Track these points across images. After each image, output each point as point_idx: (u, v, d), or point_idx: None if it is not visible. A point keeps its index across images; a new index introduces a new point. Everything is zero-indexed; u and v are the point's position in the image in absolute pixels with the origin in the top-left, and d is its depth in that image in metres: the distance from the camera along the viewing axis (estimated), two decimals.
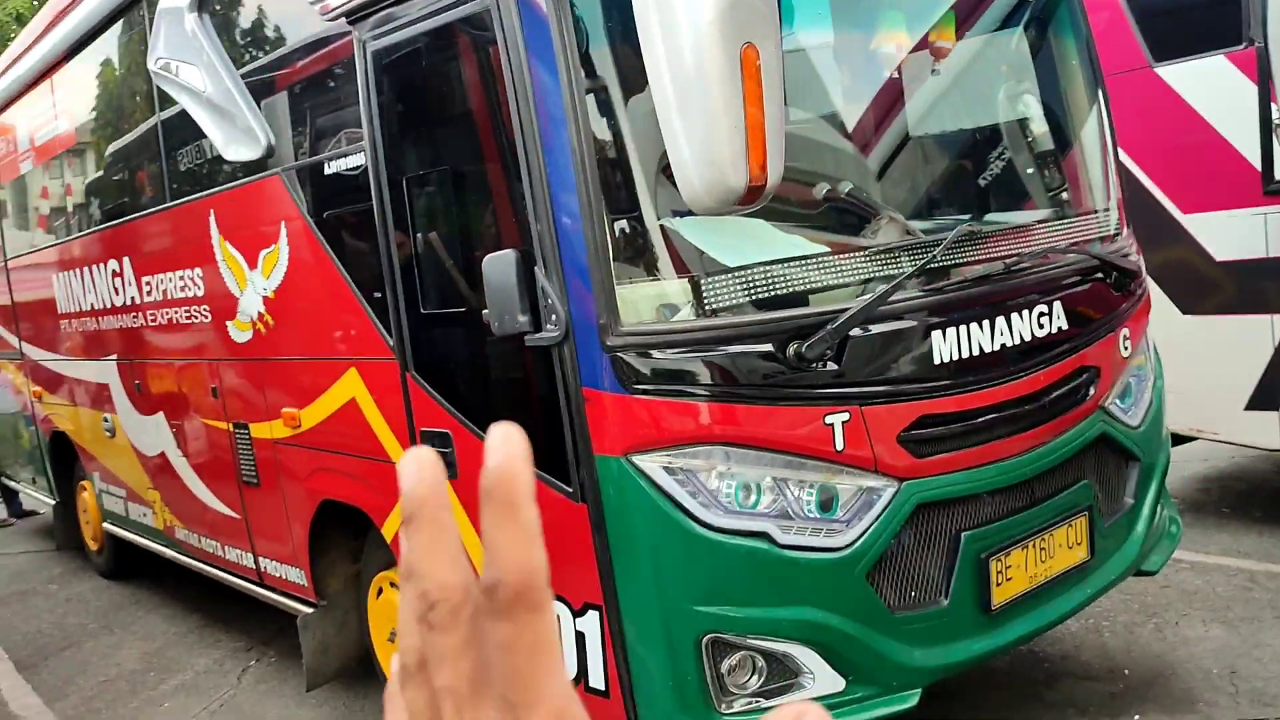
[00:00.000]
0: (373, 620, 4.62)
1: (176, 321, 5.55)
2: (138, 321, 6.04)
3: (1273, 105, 5.22)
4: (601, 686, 3.23)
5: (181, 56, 4.71)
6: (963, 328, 3.35)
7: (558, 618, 3.26)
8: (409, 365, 3.73)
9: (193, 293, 5.30)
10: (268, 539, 5.17)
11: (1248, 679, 4.18)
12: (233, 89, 4.46)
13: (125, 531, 7.15)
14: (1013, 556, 3.45)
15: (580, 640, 3.26)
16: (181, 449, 5.85)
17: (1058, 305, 3.62)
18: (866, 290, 3.24)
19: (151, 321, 5.87)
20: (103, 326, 6.58)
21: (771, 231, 3.25)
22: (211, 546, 5.81)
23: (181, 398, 5.74)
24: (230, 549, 5.58)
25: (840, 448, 3.10)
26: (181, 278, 5.39)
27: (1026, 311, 3.52)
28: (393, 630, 4.43)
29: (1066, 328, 3.65)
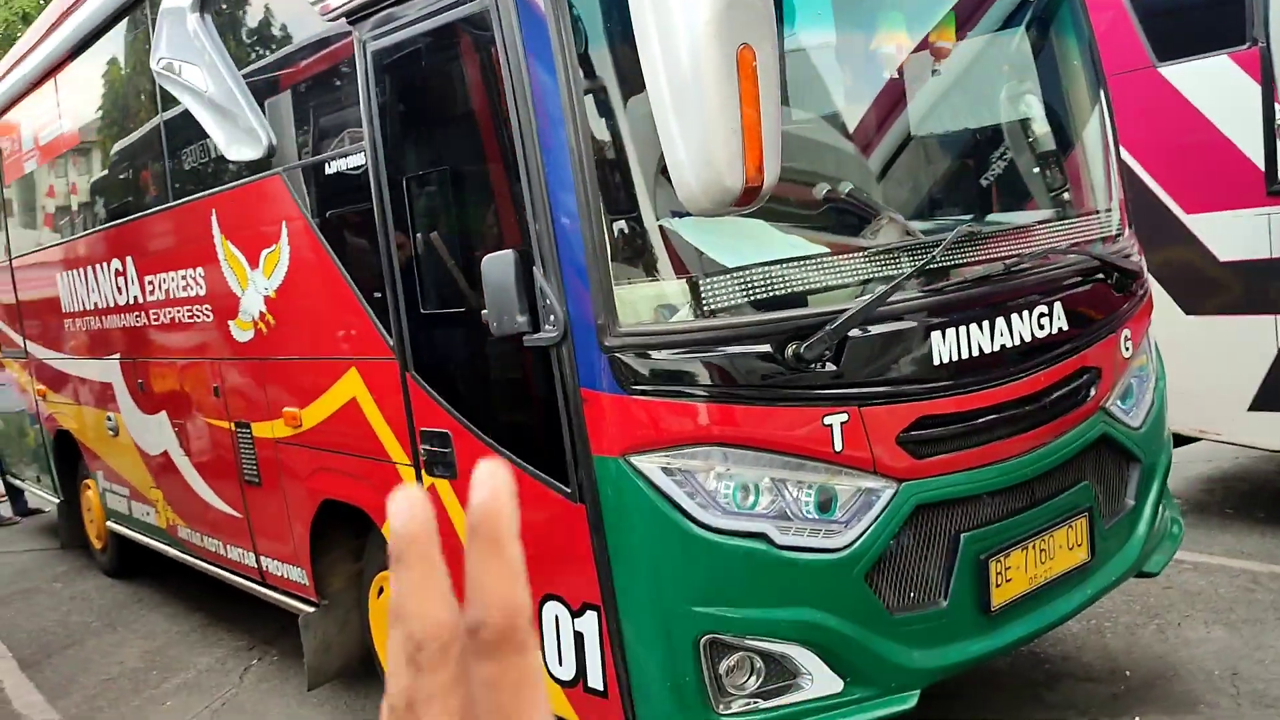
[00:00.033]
0: (374, 620, 4.62)
1: (179, 321, 5.57)
2: (141, 321, 6.06)
3: (1276, 105, 5.20)
4: (600, 687, 3.23)
5: (184, 56, 4.72)
6: (962, 329, 3.34)
7: (556, 619, 3.29)
8: (409, 365, 3.73)
9: (195, 292, 5.32)
10: (269, 538, 5.18)
11: (1249, 681, 4.17)
12: (234, 89, 4.47)
13: (129, 530, 7.17)
14: (1012, 558, 3.44)
15: (579, 640, 3.26)
16: (184, 448, 5.86)
17: (1058, 306, 3.61)
18: (865, 291, 3.23)
19: (154, 321, 5.89)
20: (106, 325, 6.60)
21: (770, 232, 3.24)
22: (214, 545, 5.82)
23: (184, 397, 5.75)
24: (232, 548, 5.60)
25: (839, 448, 3.10)
26: (184, 277, 5.40)
27: (1027, 312, 3.51)
28: None
29: (1067, 328, 3.64)
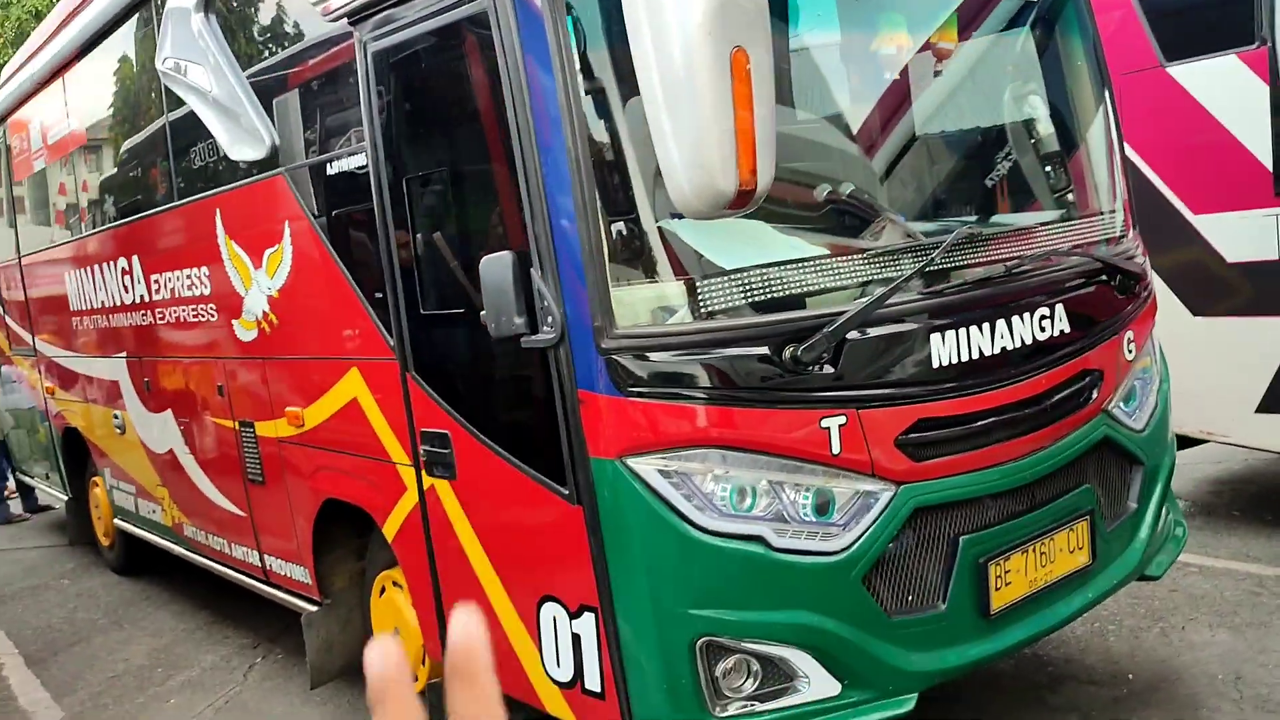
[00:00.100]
0: (375, 619, 4.63)
1: (184, 320, 5.58)
2: (147, 319, 6.08)
3: None
4: (597, 688, 3.23)
5: (188, 56, 4.74)
6: (962, 331, 3.32)
7: (554, 620, 3.29)
8: (409, 365, 3.74)
9: (200, 291, 5.33)
10: (273, 536, 5.20)
11: (1253, 685, 4.15)
12: (238, 89, 4.48)
13: (135, 528, 7.20)
14: (1012, 561, 3.42)
15: (576, 642, 3.26)
16: (189, 446, 5.88)
17: (1059, 308, 3.59)
18: (864, 293, 3.21)
19: (160, 320, 5.91)
20: (113, 324, 6.63)
21: (768, 233, 3.23)
22: (219, 544, 5.84)
23: (189, 395, 5.77)
24: (237, 546, 5.61)
25: (837, 451, 3.09)
26: (189, 276, 5.41)
27: (1028, 314, 3.49)
28: (395, 629, 4.44)
29: (1069, 331, 3.61)
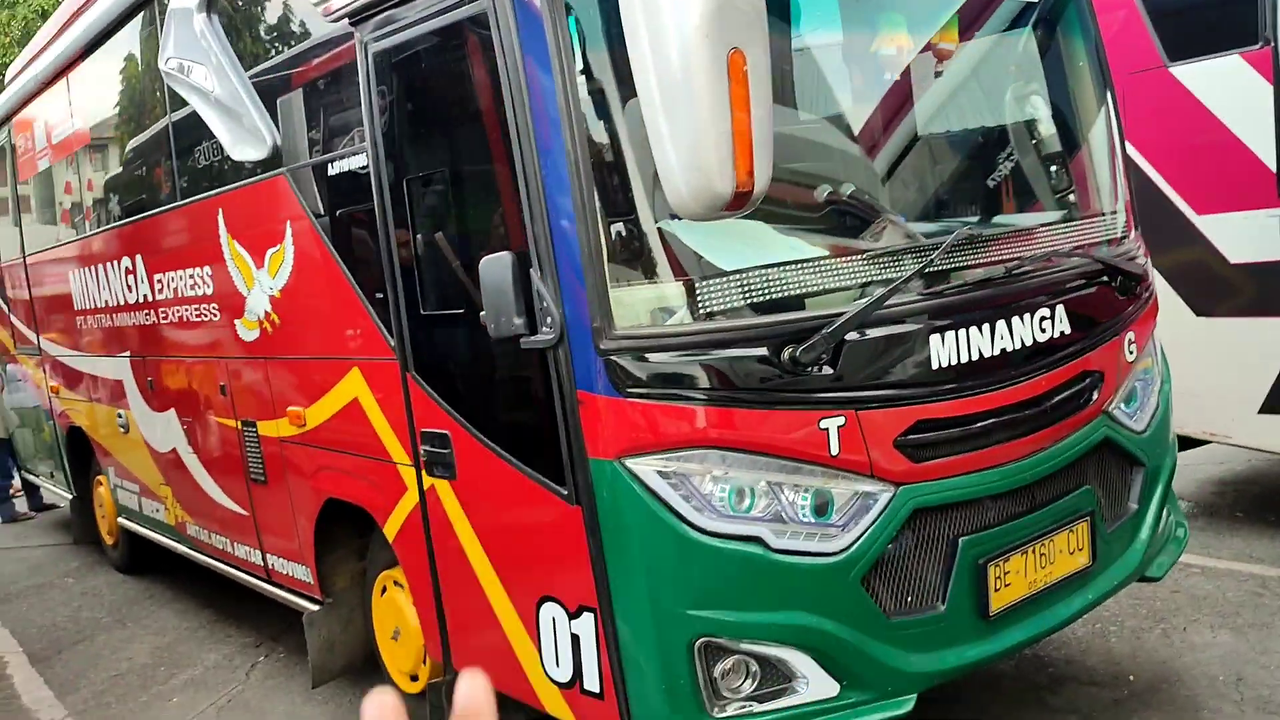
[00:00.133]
0: (376, 619, 4.63)
1: (187, 319, 5.60)
2: (150, 319, 6.10)
3: None
4: (596, 689, 3.23)
5: (191, 56, 4.75)
6: (962, 332, 3.31)
7: (553, 620, 3.30)
8: (409, 366, 3.74)
9: (202, 291, 5.34)
10: (275, 536, 5.21)
11: (1254, 686, 4.14)
12: (240, 89, 4.49)
13: (139, 527, 7.22)
14: (1012, 562, 3.42)
15: (575, 642, 3.27)
16: (192, 446, 5.90)
17: (1060, 309, 3.58)
18: (864, 294, 3.21)
19: (163, 319, 5.92)
20: (117, 323, 6.64)
21: (767, 234, 3.23)
22: (221, 543, 5.85)
23: (192, 395, 5.78)
24: (239, 545, 5.63)
25: (835, 452, 3.08)
26: (191, 276, 5.43)
27: (1028, 316, 3.48)
28: (396, 629, 4.45)
29: (1069, 332, 3.61)
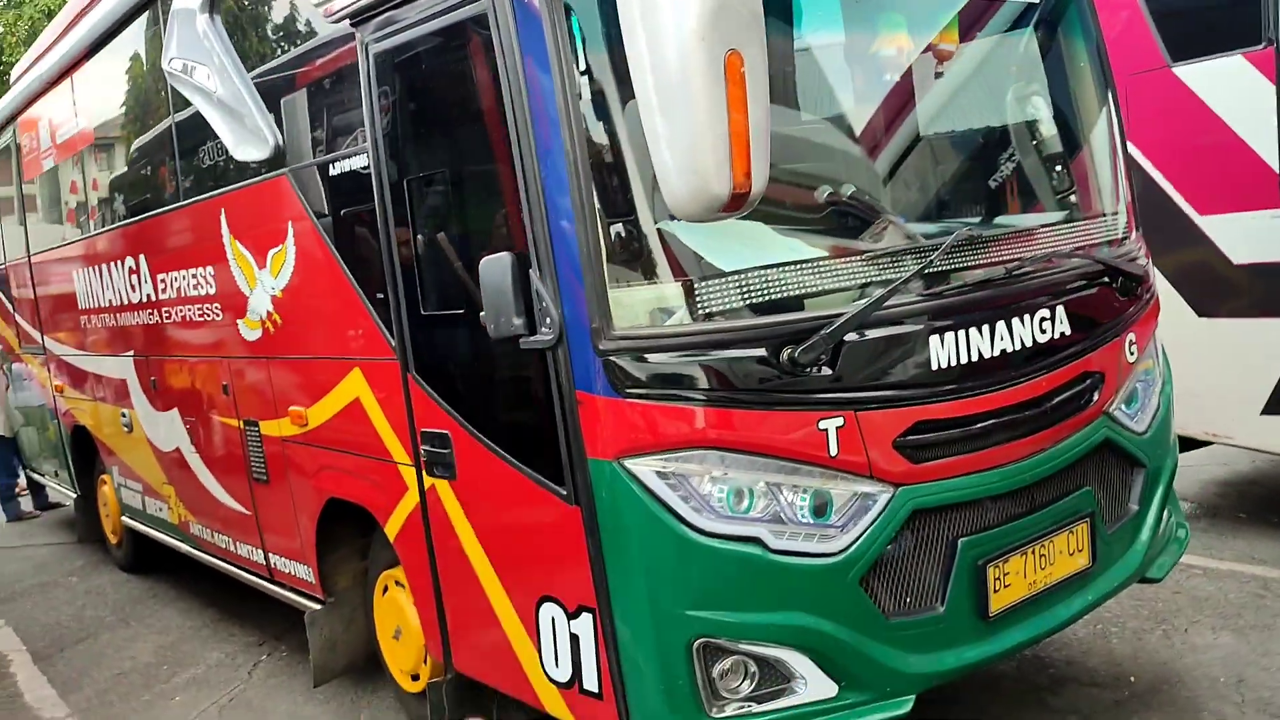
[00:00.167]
0: (378, 618, 4.64)
1: (190, 319, 5.61)
2: (153, 318, 6.11)
3: None
4: (595, 689, 3.24)
5: (193, 57, 4.76)
6: (961, 333, 3.31)
7: (553, 620, 3.31)
8: (410, 366, 3.75)
9: (205, 291, 5.36)
10: (277, 535, 5.22)
11: (1255, 688, 4.13)
12: (242, 89, 4.50)
13: (143, 526, 7.24)
14: (1011, 563, 3.42)
15: (575, 642, 3.27)
16: (195, 445, 5.91)
17: (1060, 310, 3.57)
18: (863, 295, 3.21)
19: (166, 319, 5.93)
20: (120, 323, 6.66)
21: (767, 235, 3.23)
22: (224, 542, 5.87)
23: (195, 394, 5.80)
24: (242, 544, 5.64)
25: (834, 453, 3.08)
26: (194, 276, 5.44)
27: (1027, 316, 3.48)
28: (397, 628, 4.46)
29: (1069, 333, 3.60)
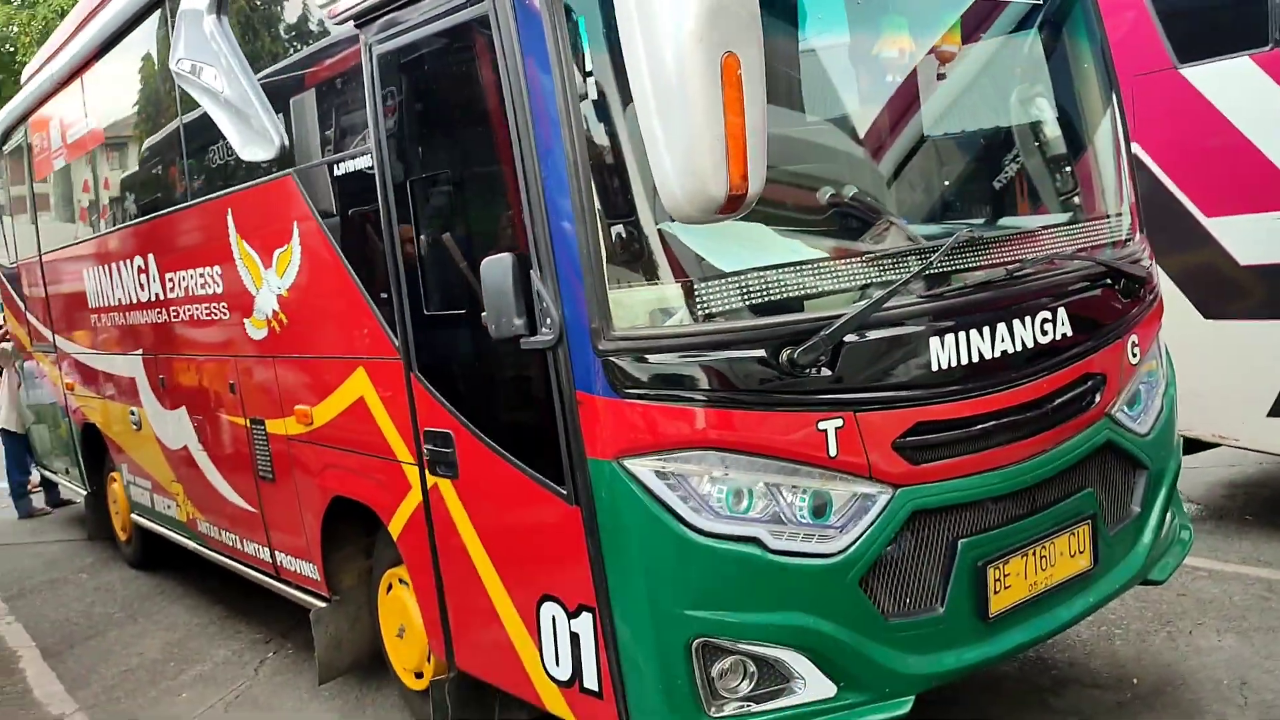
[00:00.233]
0: (382, 616, 4.67)
1: (198, 318, 5.64)
2: (162, 317, 6.15)
3: None
4: (595, 688, 3.26)
5: (201, 58, 4.78)
6: (962, 334, 3.31)
7: (553, 619, 3.32)
8: (413, 365, 3.77)
9: (212, 290, 5.39)
10: (283, 533, 5.25)
11: (1258, 691, 4.13)
12: (248, 90, 4.53)
13: (151, 523, 7.28)
14: (1011, 564, 3.42)
15: (575, 641, 3.29)
16: (202, 443, 5.95)
17: (1062, 311, 3.57)
18: (863, 296, 3.22)
19: (174, 318, 5.97)
20: (129, 322, 6.70)
21: (766, 236, 3.24)
22: (231, 540, 5.90)
23: (202, 393, 5.83)
24: (248, 542, 5.67)
25: (834, 454, 3.09)
26: (202, 275, 5.47)
27: (1029, 318, 3.48)
28: (401, 626, 4.48)
29: (1071, 334, 3.60)
